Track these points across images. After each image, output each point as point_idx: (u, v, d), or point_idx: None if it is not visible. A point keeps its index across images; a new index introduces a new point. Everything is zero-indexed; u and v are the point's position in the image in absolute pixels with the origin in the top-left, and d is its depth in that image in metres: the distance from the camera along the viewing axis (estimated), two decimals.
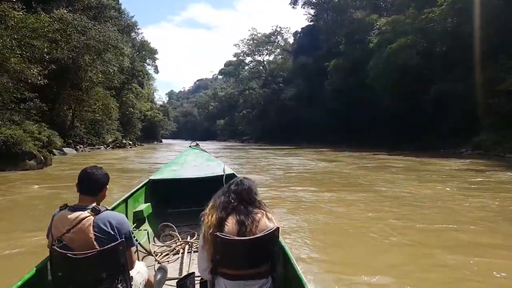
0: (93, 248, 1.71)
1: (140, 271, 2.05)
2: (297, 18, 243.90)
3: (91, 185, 1.90)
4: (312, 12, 58.04)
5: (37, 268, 1.84)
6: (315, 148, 31.29)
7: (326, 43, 48.81)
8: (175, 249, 3.42)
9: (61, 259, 1.69)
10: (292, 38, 68.44)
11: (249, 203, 1.84)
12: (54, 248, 1.71)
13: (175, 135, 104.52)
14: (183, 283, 2.18)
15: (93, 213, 1.78)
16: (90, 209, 1.80)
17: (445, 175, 10.71)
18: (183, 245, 3.46)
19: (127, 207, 3.59)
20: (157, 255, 3.28)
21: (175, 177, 4.33)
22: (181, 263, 3.16)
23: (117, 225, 1.80)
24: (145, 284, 2.09)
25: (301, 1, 57.66)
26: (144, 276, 2.10)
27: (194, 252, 3.31)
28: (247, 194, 1.87)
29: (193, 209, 4.06)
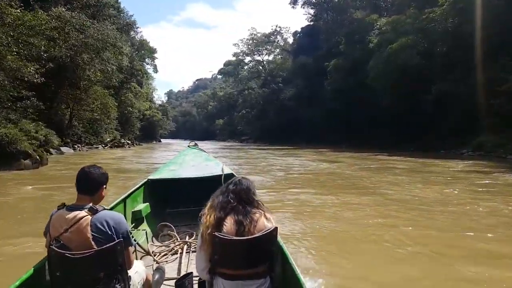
0: (90, 248, 1.70)
1: (138, 270, 2.05)
2: (297, 18, 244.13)
3: (88, 184, 1.88)
4: (312, 12, 58.05)
5: (35, 268, 1.83)
6: (314, 148, 31.10)
7: (326, 43, 48.70)
8: (174, 249, 3.40)
9: (59, 259, 1.69)
10: (291, 38, 68.53)
11: (248, 203, 1.84)
12: (52, 248, 1.69)
13: (174, 135, 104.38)
14: (181, 283, 2.19)
15: (90, 213, 1.77)
16: (87, 209, 1.78)
17: (450, 177, 10.46)
18: (181, 245, 3.44)
19: (125, 206, 3.57)
20: (156, 255, 3.26)
21: (174, 177, 4.31)
22: (180, 263, 3.15)
23: (114, 225, 1.78)
24: (143, 283, 2.09)
25: (301, 1, 57.70)
26: (142, 275, 2.09)
27: (193, 252, 3.28)
28: (246, 194, 1.86)
29: (191, 209, 4.15)
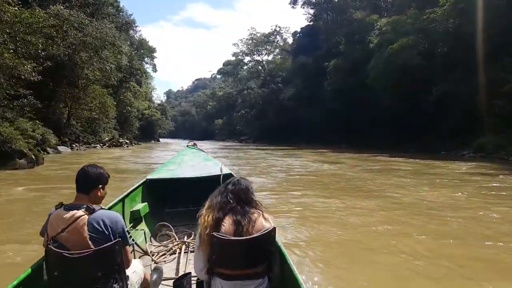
0: (88, 247, 1.69)
1: (136, 270, 2.05)
2: (297, 19, 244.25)
3: (84, 183, 1.89)
4: (312, 12, 57.88)
5: (32, 268, 1.82)
6: (314, 149, 30.91)
7: (326, 43, 48.57)
8: (172, 249, 3.39)
9: (57, 258, 1.68)
10: (291, 38, 68.29)
11: (246, 203, 1.84)
12: (50, 247, 1.69)
13: (173, 134, 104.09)
14: (180, 283, 2.19)
15: (87, 212, 1.76)
16: (84, 208, 1.78)
17: (456, 180, 10.17)
18: (179, 245, 3.43)
19: (124, 206, 3.56)
20: (154, 255, 3.25)
21: (172, 177, 4.30)
22: (178, 263, 3.13)
23: (110, 224, 1.77)
24: (141, 283, 2.09)
25: (301, 1, 57.53)
26: (140, 275, 2.09)
27: (191, 252, 3.28)
28: (245, 194, 1.87)
29: (190, 208, 4.14)
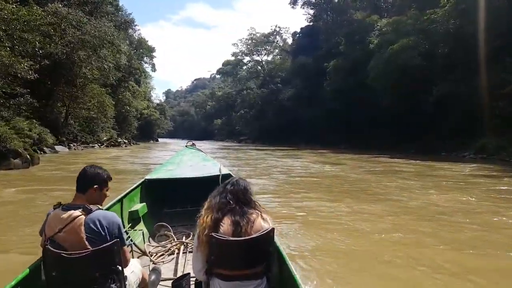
0: (85, 248, 1.69)
1: (134, 270, 2.04)
2: (296, 19, 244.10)
3: (81, 182, 1.90)
4: (312, 12, 57.73)
5: (30, 268, 1.81)
6: (314, 149, 30.74)
7: (326, 43, 48.40)
8: (170, 249, 3.37)
9: (54, 259, 1.68)
10: (291, 38, 68.06)
11: (245, 203, 1.84)
12: (48, 247, 1.69)
13: (171, 134, 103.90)
14: (179, 284, 2.19)
15: (84, 213, 1.76)
16: (81, 208, 1.77)
17: (461, 182, 9.92)
18: (178, 245, 3.41)
19: (122, 206, 3.55)
20: (152, 255, 3.24)
21: (171, 177, 4.28)
22: (176, 263, 3.12)
23: (107, 225, 1.77)
24: (139, 283, 2.09)
25: (301, 1, 57.37)
26: (138, 275, 2.09)
27: (190, 252, 3.26)
28: (243, 194, 1.86)
29: (188, 209, 4.15)
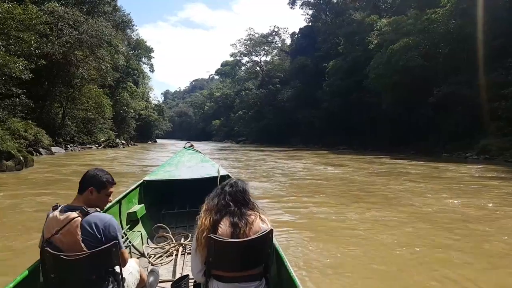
0: (81, 250, 1.68)
1: (132, 271, 2.04)
2: (295, 20, 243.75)
3: (80, 183, 1.92)
4: (311, 13, 57.57)
5: (29, 270, 1.81)
6: (313, 150, 30.48)
7: (325, 44, 48.22)
8: (169, 251, 3.36)
9: (53, 260, 1.68)
10: (289, 39, 67.86)
11: (243, 204, 1.83)
12: (46, 249, 1.68)
13: (170, 135, 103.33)
14: (177, 286, 2.19)
15: (81, 214, 1.75)
16: (79, 210, 1.76)
17: (473, 185, 9.52)
18: (176, 247, 3.40)
19: (120, 208, 3.55)
20: (151, 256, 3.22)
21: (169, 178, 4.26)
22: (175, 265, 3.11)
23: (103, 228, 1.77)
24: (137, 283, 2.09)
25: (300, 1, 57.21)
26: (136, 276, 2.09)
27: (188, 254, 3.25)
28: (242, 195, 1.85)
29: (187, 210, 4.20)
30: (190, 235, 3.66)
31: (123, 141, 38.85)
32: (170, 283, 2.34)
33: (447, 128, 25.39)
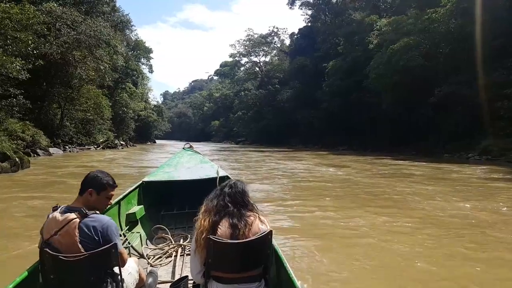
0: (79, 251, 1.68)
1: (131, 272, 2.04)
2: (294, 21, 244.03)
3: (81, 185, 1.92)
4: (310, 13, 57.43)
5: (28, 271, 1.83)
6: (313, 151, 30.31)
7: (324, 44, 48.11)
8: (168, 252, 3.35)
9: (52, 261, 1.68)
10: (288, 39, 67.76)
11: (243, 205, 1.82)
12: (45, 250, 1.68)
13: (169, 136, 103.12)
14: (177, 287, 2.20)
15: (79, 216, 1.75)
16: (78, 211, 1.76)
17: (481, 187, 9.28)
18: (176, 248, 3.38)
19: (119, 209, 3.55)
20: (150, 258, 3.22)
21: (169, 179, 4.24)
22: (174, 266, 3.10)
23: (101, 230, 1.76)
24: (136, 284, 2.09)
25: (299, 2, 57.08)
26: (135, 276, 2.09)
27: (187, 255, 3.22)
28: (241, 196, 1.85)
29: (186, 211, 4.19)
30: (189, 236, 3.65)
31: (122, 142, 38.65)
32: (169, 284, 2.35)
33: (447, 128, 25.28)
